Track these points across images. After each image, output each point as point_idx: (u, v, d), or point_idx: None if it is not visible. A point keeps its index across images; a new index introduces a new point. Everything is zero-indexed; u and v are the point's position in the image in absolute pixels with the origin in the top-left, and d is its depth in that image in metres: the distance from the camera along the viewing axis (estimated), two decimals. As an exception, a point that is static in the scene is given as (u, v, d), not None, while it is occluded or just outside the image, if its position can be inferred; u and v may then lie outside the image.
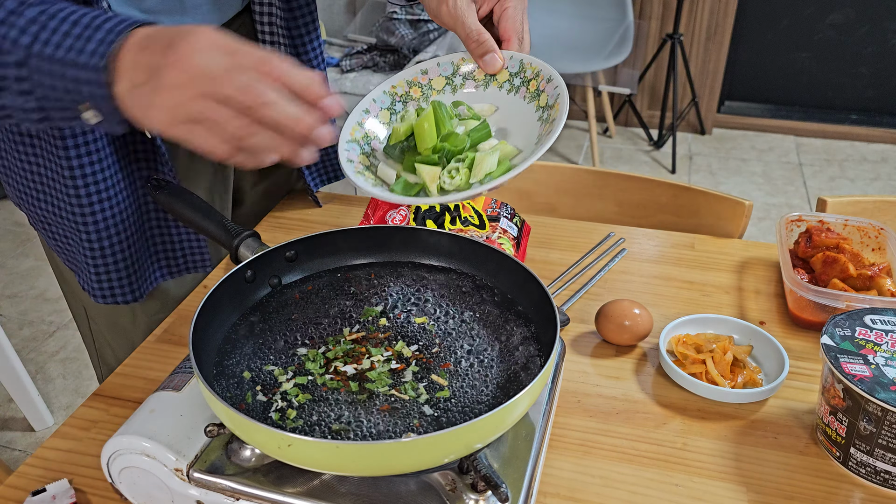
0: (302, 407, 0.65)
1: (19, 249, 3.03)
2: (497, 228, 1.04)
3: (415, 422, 0.64)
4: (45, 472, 0.77)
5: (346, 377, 0.68)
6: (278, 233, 1.18)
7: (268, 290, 0.80)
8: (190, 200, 0.85)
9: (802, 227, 1.09)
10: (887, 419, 0.71)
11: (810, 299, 0.94)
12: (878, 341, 0.77)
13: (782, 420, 0.83)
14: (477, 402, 0.66)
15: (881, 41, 3.73)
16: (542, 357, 0.70)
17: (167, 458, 0.65)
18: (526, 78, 0.79)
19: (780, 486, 0.75)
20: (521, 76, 0.79)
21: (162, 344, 0.95)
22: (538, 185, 1.44)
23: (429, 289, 0.80)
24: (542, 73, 0.78)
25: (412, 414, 0.65)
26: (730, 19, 3.71)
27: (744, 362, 0.88)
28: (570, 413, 0.84)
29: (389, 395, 0.66)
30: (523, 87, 0.79)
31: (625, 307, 0.92)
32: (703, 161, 3.73)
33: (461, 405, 0.66)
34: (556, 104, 0.74)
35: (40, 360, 2.45)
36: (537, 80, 0.78)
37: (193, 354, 0.64)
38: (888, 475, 0.74)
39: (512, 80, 0.80)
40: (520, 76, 0.79)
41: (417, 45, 3.39)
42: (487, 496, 0.62)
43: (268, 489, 0.63)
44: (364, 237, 0.84)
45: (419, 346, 0.72)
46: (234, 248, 0.80)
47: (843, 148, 3.83)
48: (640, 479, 0.76)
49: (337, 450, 0.56)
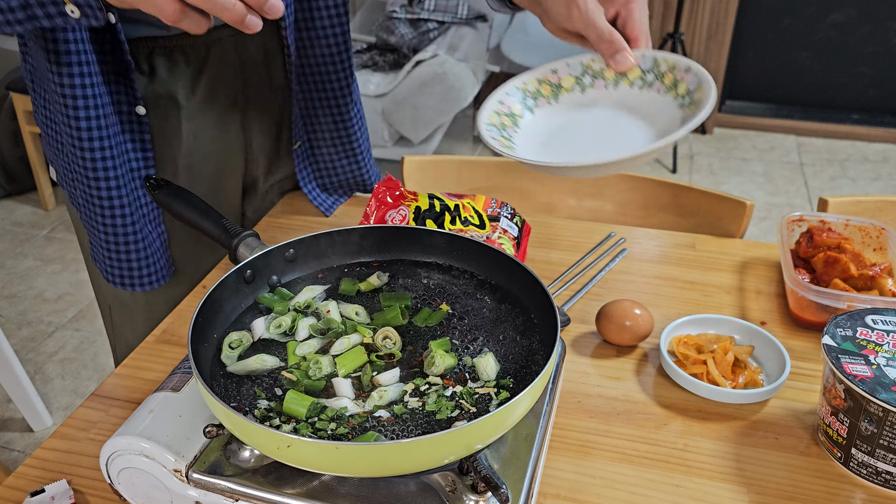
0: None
1: (18, 249, 3.03)
2: (497, 228, 1.03)
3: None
4: (44, 472, 0.77)
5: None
6: (278, 233, 1.18)
7: (267, 290, 0.79)
8: (189, 200, 0.85)
9: (804, 227, 1.09)
10: (888, 420, 0.70)
11: (811, 299, 0.94)
12: (880, 342, 0.77)
13: (783, 420, 0.83)
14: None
15: (882, 41, 3.73)
16: (543, 357, 0.70)
17: (166, 459, 0.64)
18: (660, 72, 0.84)
19: (781, 487, 0.75)
20: (654, 71, 0.84)
21: (161, 344, 0.95)
22: (538, 185, 1.44)
23: (429, 289, 0.80)
24: (678, 65, 0.83)
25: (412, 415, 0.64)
26: (731, 18, 3.71)
27: (745, 363, 0.88)
28: (571, 414, 0.84)
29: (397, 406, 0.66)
30: (657, 82, 0.84)
31: (625, 307, 0.92)
32: (704, 161, 3.73)
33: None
34: (700, 87, 0.80)
35: (39, 360, 2.45)
36: (673, 73, 0.83)
37: (192, 355, 0.63)
38: (889, 476, 0.73)
39: (644, 76, 0.85)
40: (653, 72, 0.84)
41: (417, 45, 3.39)
42: (487, 497, 0.62)
43: (267, 490, 0.63)
44: (364, 237, 0.83)
45: (418, 346, 0.72)
46: (234, 247, 0.79)
47: (845, 147, 3.83)
48: (641, 479, 0.76)
49: (336, 451, 0.56)
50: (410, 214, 1.01)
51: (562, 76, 0.87)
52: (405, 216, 1.01)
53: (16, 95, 3.02)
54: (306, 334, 0.73)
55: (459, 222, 1.02)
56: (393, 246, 0.84)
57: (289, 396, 0.64)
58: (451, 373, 0.69)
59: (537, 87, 0.86)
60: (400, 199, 1.01)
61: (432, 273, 0.82)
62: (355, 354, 0.69)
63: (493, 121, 0.82)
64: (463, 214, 1.03)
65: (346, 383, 0.67)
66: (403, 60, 3.36)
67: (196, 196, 0.85)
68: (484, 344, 0.72)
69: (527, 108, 0.85)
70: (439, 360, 0.68)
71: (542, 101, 0.84)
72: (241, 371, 0.68)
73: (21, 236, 3.11)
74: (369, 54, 3.44)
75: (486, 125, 0.82)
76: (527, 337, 0.73)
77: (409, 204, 1.01)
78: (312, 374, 0.68)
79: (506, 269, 0.78)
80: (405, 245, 0.84)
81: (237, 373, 0.68)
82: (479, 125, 0.82)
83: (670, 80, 0.84)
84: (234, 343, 0.71)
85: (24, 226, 3.18)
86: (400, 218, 1.01)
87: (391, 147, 3.36)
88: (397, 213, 1.02)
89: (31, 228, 3.16)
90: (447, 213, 1.02)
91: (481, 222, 1.04)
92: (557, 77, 0.87)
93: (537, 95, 0.85)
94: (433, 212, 1.02)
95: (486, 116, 0.83)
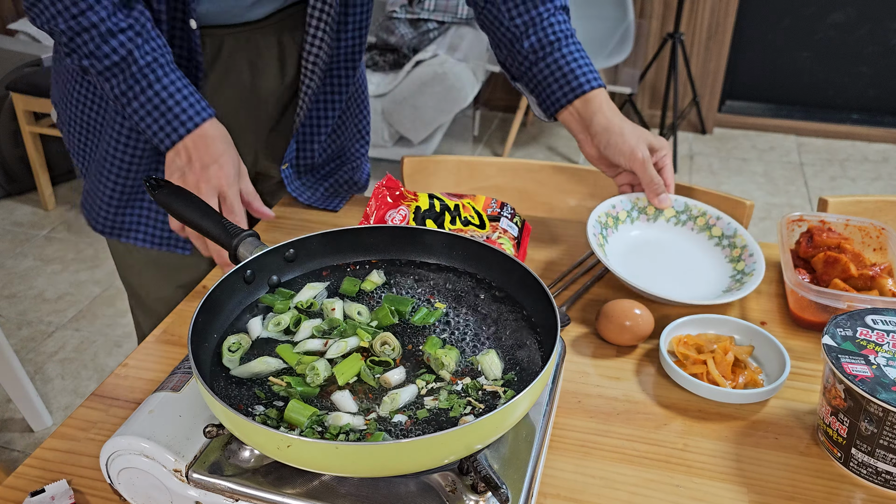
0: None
1: (18, 249, 3.03)
2: (497, 228, 1.03)
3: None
4: (44, 472, 0.77)
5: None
6: (277, 233, 1.18)
7: (267, 290, 0.79)
8: (189, 200, 0.85)
9: (804, 227, 1.08)
10: (888, 420, 0.70)
11: (811, 299, 0.93)
12: (880, 342, 0.77)
13: (783, 421, 0.83)
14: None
15: (882, 40, 3.73)
16: (543, 357, 0.70)
17: (166, 459, 0.64)
18: (692, 215, 1.12)
19: (781, 487, 0.75)
20: (686, 213, 1.12)
21: (161, 344, 0.95)
22: (538, 185, 1.44)
23: (429, 289, 0.80)
24: (709, 213, 1.11)
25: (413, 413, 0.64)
26: (731, 18, 3.71)
27: (745, 363, 0.88)
28: (571, 414, 0.84)
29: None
30: (690, 221, 1.12)
31: (626, 307, 0.92)
32: (704, 161, 3.73)
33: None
34: (736, 232, 1.09)
35: (39, 360, 2.45)
36: (705, 217, 1.11)
37: (192, 355, 0.63)
38: (889, 476, 0.73)
39: (678, 216, 1.12)
40: (686, 213, 1.12)
41: (417, 45, 3.39)
42: (487, 497, 0.62)
43: (267, 490, 0.63)
44: (364, 237, 0.83)
45: (417, 343, 0.72)
46: (233, 247, 0.79)
47: (845, 147, 3.83)
48: (641, 479, 0.76)
49: (336, 451, 0.56)
50: (410, 214, 1.01)
51: (619, 210, 1.11)
52: (405, 216, 1.01)
53: (16, 95, 3.02)
54: (308, 334, 0.73)
55: (459, 222, 1.02)
56: (393, 246, 0.84)
57: (291, 405, 0.63)
58: (457, 367, 0.69)
59: (605, 220, 1.09)
60: (400, 199, 1.01)
61: (432, 273, 0.82)
62: (352, 362, 0.68)
63: (592, 240, 1.04)
64: (463, 214, 1.03)
65: (347, 397, 0.66)
66: (403, 60, 3.36)
67: (196, 196, 0.85)
68: (486, 342, 0.72)
69: (603, 238, 1.08)
70: (445, 359, 0.68)
71: (610, 231, 1.09)
72: (245, 374, 0.68)
73: (21, 236, 3.11)
74: (369, 54, 3.44)
75: (592, 234, 1.04)
76: (527, 337, 0.73)
77: (409, 204, 1.01)
78: (311, 382, 0.67)
79: (506, 269, 0.78)
80: (405, 245, 0.84)
81: (241, 376, 0.68)
82: (588, 233, 1.04)
83: (702, 222, 1.11)
84: (234, 346, 0.71)
85: (24, 226, 3.18)
86: (400, 218, 1.01)
87: (391, 147, 3.36)
88: (397, 213, 1.02)
89: (31, 228, 3.16)
90: (447, 213, 1.02)
91: (481, 222, 1.04)
92: (616, 211, 1.11)
93: (606, 226, 1.09)
94: (433, 212, 1.01)
95: (592, 228, 1.05)
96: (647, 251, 1.09)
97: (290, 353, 0.70)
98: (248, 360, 0.70)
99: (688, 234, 1.11)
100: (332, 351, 0.70)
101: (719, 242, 1.09)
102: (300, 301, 0.77)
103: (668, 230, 1.12)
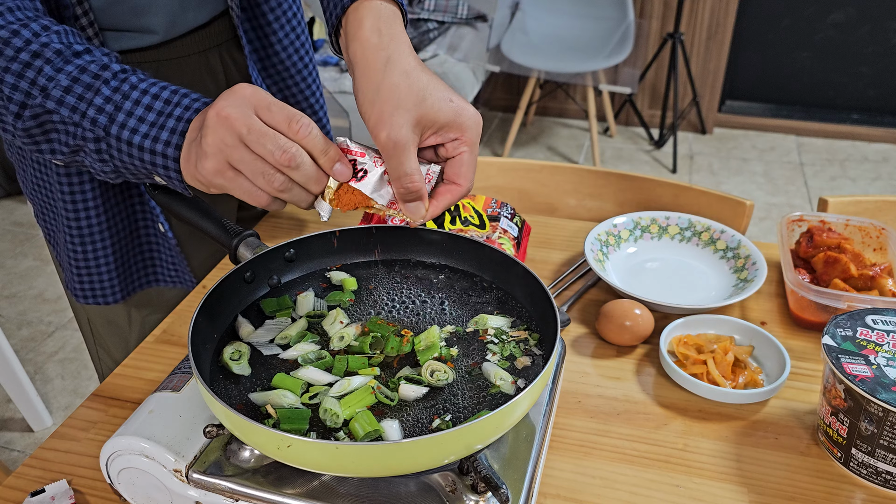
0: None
1: (18, 249, 3.03)
2: (497, 228, 1.03)
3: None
4: (44, 472, 0.77)
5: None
6: (277, 233, 1.18)
7: (267, 290, 0.79)
8: (188, 200, 0.85)
9: (804, 227, 1.08)
10: (888, 420, 0.70)
11: (811, 299, 0.93)
12: (880, 342, 0.77)
13: (783, 421, 0.83)
14: (477, 402, 0.66)
15: (882, 40, 3.73)
16: (543, 357, 0.70)
17: (166, 459, 0.64)
18: (697, 231, 1.12)
19: (781, 487, 0.75)
20: (691, 229, 1.12)
21: (161, 344, 0.95)
22: (538, 185, 1.44)
23: (428, 289, 0.80)
24: (713, 227, 1.11)
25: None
26: (731, 18, 3.71)
27: (745, 363, 0.88)
28: (571, 414, 0.84)
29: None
30: (695, 238, 1.12)
31: (626, 307, 0.92)
32: (703, 161, 3.73)
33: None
34: (740, 243, 1.08)
35: (39, 360, 2.45)
36: (709, 232, 1.11)
37: (192, 355, 0.63)
38: (889, 476, 0.73)
39: (683, 232, 1.13)
40: (690, 230, 1.12)
41: (417, 45, 3.38)
42: (487, 497, 0.62)
43: (267, 490, 0.63)
44: (364, 237, 0.83)
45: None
46: (234, 248, 0.79)
47: (845, 147, 3.83)
48: (641, 479, 0.76)
49: (336, 451, 0.56)
50: (410, 214, 1.01)
51: (621, 230, 1.12)
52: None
53: (16, 95, 3.02)
54: (312, 371, 0.69)
55: (459, 222, 1.02)
56: (393, 246, 0.84)
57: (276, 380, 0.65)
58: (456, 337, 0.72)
59: (606, 238, 1.10)
60: (400, 199, 1.01)
61: (432, 273, 0.82)
62: (362, 395, 0.65)
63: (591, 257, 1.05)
64: (463, 214, 1.03)
65: (396, 427, 0.63)
66: (403, 60, 3.36)
67: (196, 196, 0.85)
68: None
69: (604, 254, 1.09)
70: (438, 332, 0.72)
71: (612, 250, 1.11)
72: (261, 402, 0.65)
73: (21, 236, 3.11)
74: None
75: (590, 248, 1.06)
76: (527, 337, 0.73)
77: (409, 204, 1.01)
78: (331, 424, 0.63)
79: (506, 269, 0.78)
80: (405, 245, 0.84)
81: (257, 402, 0.66)
82: (586, 249, 1.06)
83: (707, 237, 1.11)
84: (234, 355, 0.70)
85: (24, 226, 3.18)
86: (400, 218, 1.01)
87: (391, 147, 3.35)
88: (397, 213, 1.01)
89: (31, 228, 3.16)
90: (447, 212, 1.02)
91: (481, 222, 1.04)
92: (618, 230, 1.12)
93: (607, 244, 1.10)
94: (433, 212, 1.01)
95: (590, 244, 1.07)
96: (651, 266, 1.09)
97: (293, 382, 0.67)
98: (256, 371, 0.70)
99: (693, 249, 1.11)
100: (336, 389, 0.66)
101: (724, 255, 1.09)
102: (308, 312, 0.76)
103: (674, 247, 1.12)
